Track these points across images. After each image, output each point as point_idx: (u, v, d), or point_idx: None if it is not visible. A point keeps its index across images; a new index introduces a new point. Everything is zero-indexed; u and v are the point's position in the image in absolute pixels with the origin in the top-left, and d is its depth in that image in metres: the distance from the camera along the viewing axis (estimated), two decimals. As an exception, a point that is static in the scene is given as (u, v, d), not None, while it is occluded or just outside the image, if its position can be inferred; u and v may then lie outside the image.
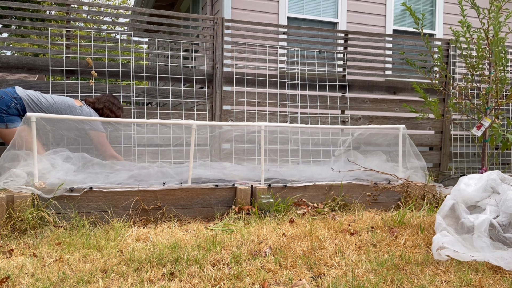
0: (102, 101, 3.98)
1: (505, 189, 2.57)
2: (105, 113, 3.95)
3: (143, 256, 2.27)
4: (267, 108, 4.86)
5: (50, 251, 2.37)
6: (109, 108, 3.97)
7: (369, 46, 5.25)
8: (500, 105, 4.32)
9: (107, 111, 3.96)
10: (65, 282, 1.95)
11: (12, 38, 4.42)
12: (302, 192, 3.56)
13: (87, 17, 16.62)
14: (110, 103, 3.99)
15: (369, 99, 5.27)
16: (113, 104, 4.01)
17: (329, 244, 2.58)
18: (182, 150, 4.41)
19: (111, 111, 3.98)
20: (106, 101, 3.99)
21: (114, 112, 4.00)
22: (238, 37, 4.74)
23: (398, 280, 2.04)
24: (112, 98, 4.05)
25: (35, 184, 2.91)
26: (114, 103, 4.02)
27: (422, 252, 2.47)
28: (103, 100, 3.99)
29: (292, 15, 6.00)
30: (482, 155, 4.48)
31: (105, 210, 3.04)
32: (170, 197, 3.20)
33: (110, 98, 4.03)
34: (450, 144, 5.59)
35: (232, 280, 2.01)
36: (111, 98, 4.04)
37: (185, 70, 4.61)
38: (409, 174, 3.87)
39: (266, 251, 2.41)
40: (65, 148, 3.50)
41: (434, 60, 4.55)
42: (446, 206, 2.65)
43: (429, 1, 6.75)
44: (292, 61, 5.00)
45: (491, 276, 2.13)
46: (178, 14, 4.48)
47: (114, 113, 4.00)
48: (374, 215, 3.43)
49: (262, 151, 3.61)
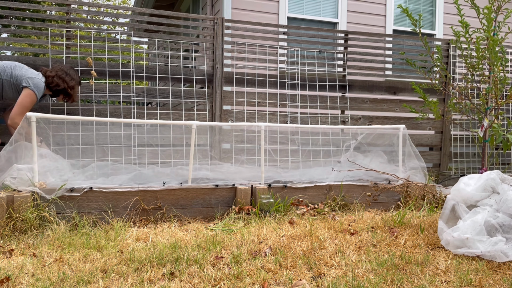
0: (55, 69, 3.73)
1: (505, 189, 2.57)
2: (54, 82, 3.67)
3: (143, 256, 2.27)
4: (267, 108, 4.86)
5: (50, 251, 2.37)
6: (60, 77, 3.70)
7: (369, 46, 5.25)
8: (500, 105, 4.32)
9: (56, 80, 3.68)
10: (65, 282, 1.95)
11: (12, 38, 4.42)
12: (302, 192, 3.56)
13: (87, 17, 16.61)
14: (62, 72, 3.73)
15: (369, 99, 5.27)
16: (66, 73, 3.74)
17: (329, 244, 2.58)
18: (182, 150, 4.41)
19: (62, 80, 3.70)
20: (59, 70, 3.74)
21: (66, 82, 3.72)
22: (238, 37, 4.74)
23: (398, 280, 2.04)
24: (68, 68, 3.80)
25: (36, 184, 2.91)
26: (68, 73, 3.75)
27: (422, 252, 2.47)
28: (57, 69, 3.74)
29: (292, 15, 6.00)
30: (482, 155, 4.47)
31: (105, 210, 3.04)
32: (170, 197, 3.21)
33: (65, 68, 3.78)
34: (450, 144, 5.59)
35: (232, 280, 2.01)
36: (66, 68, 3.78)
37: (185, 70, 4.61)
38: (409, 174, 3.87)
39: (266, 251, 2.41)
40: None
41: (434, 60, 4.55)
42: (446, 209, 2.65)
43: (429, 1, 6.75)
44: (292, 61, 5.00)
45: (491, 276, 2.13)
46: (178, 14, 4.48)
47: (65, 83, 3.71)
48: (374, 215, 3.43)
49: (262, 151, 3.61)
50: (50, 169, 3.14)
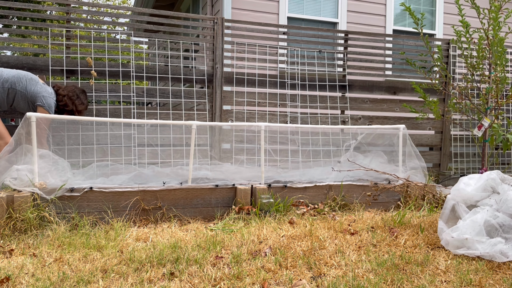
0: (68, 89, 3.79)
1: (505, 189, 2.57)
2: (63, 101, 3.74)
3: (143, 256, 2.27)
4: (267, 108, 4.86)
5: (50, 251, 2.37)
6: (71, 98, 3.76)
7: (369, 46, 5.25)
8: (500, 105, 4.32)
9: (66, 100, 3.74)
10: (65, 282, 1.95)
11: (12, 38, 4.42)
12: (302, 192, 3.56)
13: (87, 17, 16.61)
14: (74, 94, 3.78)
15: (369, 99, 5.27)
16: (77, 96, 3.80)
17: (329, 244, 2.58)
18: (182, 150, 4.41)
19: (72, 102, 3.77)
20: (71, 91, 3.79)
21: (75, 104, 3.78)
22: (238, 37, 4.74)
23: (398, 280, 2.04)
24: (80, 92, 3.86)
25: (36, 184, 2.91)
26: (78, 96, 3.81)
27: (422, 252, 2.47)
28: (69, 89, 3.80)
29: (292, 15, 6.00)
30: (482, 155, 4.47)
31: (105, 210, 3.04)
32: (170, 197, 3.21)
33: (77, 90, 3.84)
34: (450, 144, 5.59)
35: (232, 280, 2.01)
36: (78, 91, 3.85)
37: (185, 70, 4.61)
38: (409, 174, 3.88)
39: (266, 251, 2.41)
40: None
41: (434, 60, 4.55)
42: (447, 209, 2.65)
43: (429, 1, 6.75)
44: (292, 61, 5.00)
45: (491, 276, 2.13)
46: (178, 14, 4.48)
47: (74, 105, 3.78)
48: (374, 215, 3.43)
49: (262, 151, 3.61)
50: (50, 170, 3.14)
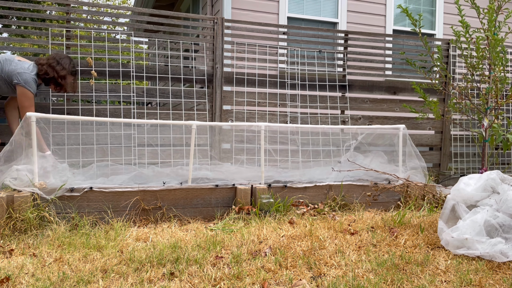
0: (48, 57, 3.55)
1: (505, 189, 2.57)
2: (43, 70, 3.48)
3: (143, 256, 2.27)
4: (267, 108, 4.86)
5: (50, 251, 2.37)
6: (51, 65, 3.50)
7: (369, 46, 5.25)
8: (500, 105, 4.32)
9: (46, 68, 3.49)
10: (65, 282, 1.95)
11: (12, 38, 4.42)
12: (302, 192, 3.56)
13: (87, 17, 16.60)
14: (54, 60, 3.52)
15: (369, 99, 5.27)
16: (58, 62, 3.52)
17: (329, 244, 2.58)
18: (182, 150, 4.41)
19: (52, 68, 3.50)
20: (51, 58, 3.53)
21: (55, 70, 3.51)
22: (238, 37, 4.74)
23: (398, 280, 2.04)
24: (62, 57, 3.58)
25: (36, 184, 2.91)
26: (59, 62, 3.54)
27: (422, 252, 2.47)
28: (50, 57, 3.55)
29: (292, 15, 5.99)
30: (482, 155, 4.47)
31: (105, 210, 3.04)
32: (170, 197, 3.20)
33: (58, 56, 3.58)
34: (450, 144, 5.59)
35: (232, 280, 2.01)
36: (59, 56, 3.58)
37: (185, 70, 4.61)
38: (409, 174, 3.87)
39: (266, 251, 2.41)
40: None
41: (434, 60, 4.55)
42: (447, 209, 2.65)
43: (429, 1, 6.75)
44: (292, 61, 5.00)
45: (491, 276, 2.13)
46: (178, 14, 4.48)
47: (54, 71, 3.51)
48: (374, 215, 3.43)
49: (262, 151, 3.61)
50: (50, 170, 3.14)
